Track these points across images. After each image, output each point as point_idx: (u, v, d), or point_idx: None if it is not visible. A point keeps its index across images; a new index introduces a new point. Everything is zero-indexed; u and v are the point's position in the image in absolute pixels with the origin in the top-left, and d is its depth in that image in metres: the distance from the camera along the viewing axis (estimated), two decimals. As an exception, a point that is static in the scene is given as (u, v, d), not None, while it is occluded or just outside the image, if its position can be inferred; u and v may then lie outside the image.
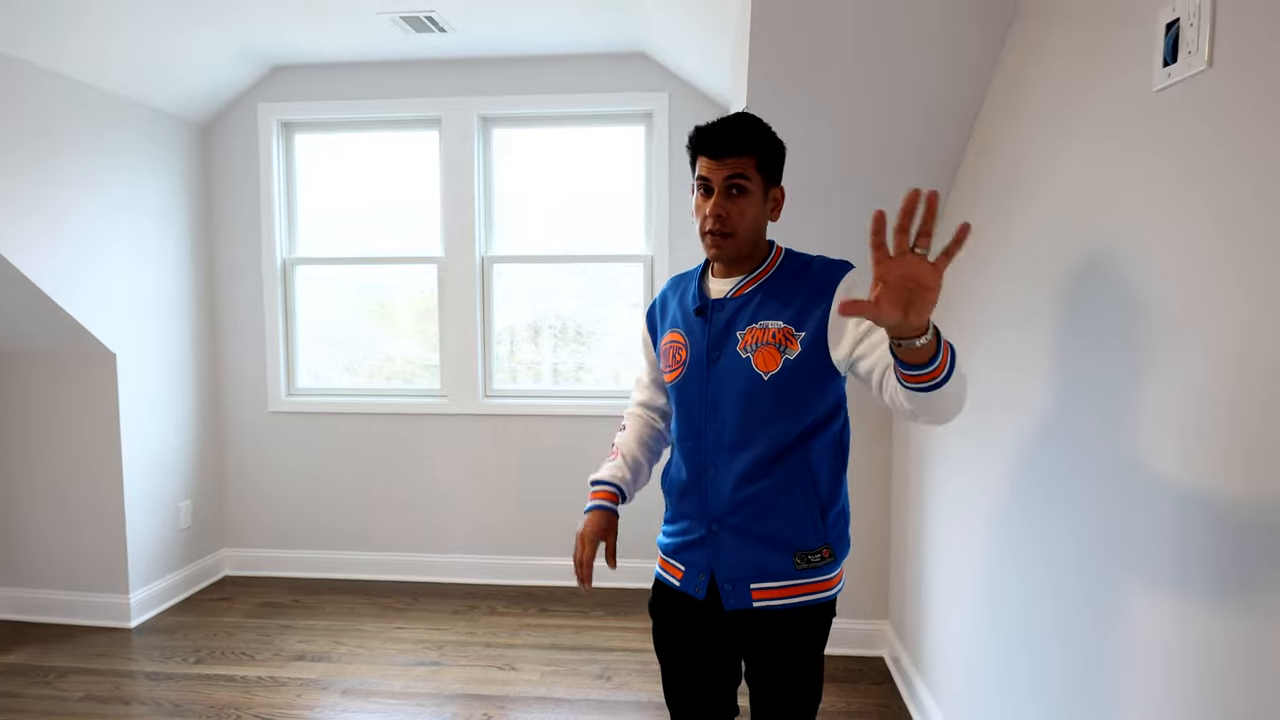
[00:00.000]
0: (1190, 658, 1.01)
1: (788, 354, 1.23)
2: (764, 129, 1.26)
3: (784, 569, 1.27)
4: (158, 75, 2.91)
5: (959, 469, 1.97)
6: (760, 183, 1.26)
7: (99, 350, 2.87)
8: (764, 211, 1.29)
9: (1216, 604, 0.97)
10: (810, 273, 1.27)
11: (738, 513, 1.28)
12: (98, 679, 2.57)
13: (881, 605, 2.69)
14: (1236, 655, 0.93)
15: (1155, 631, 1.10)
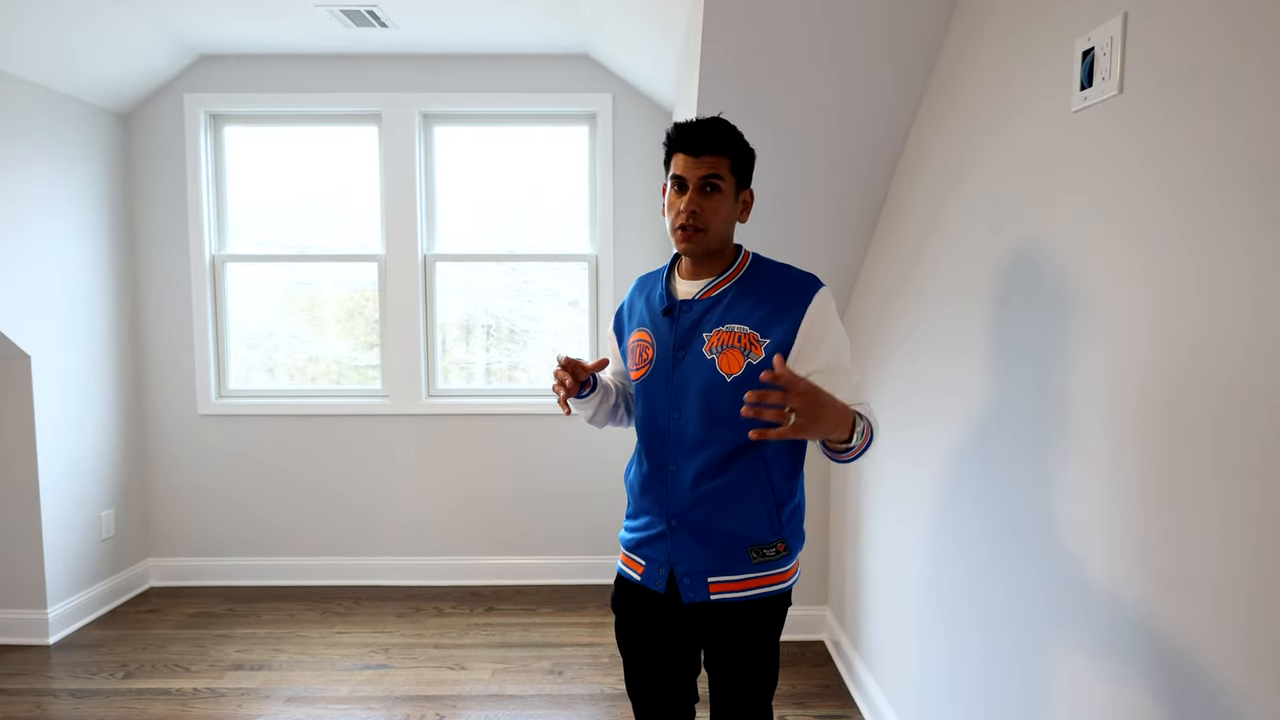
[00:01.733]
0: (1120, 626, 1.13)
1: (751, 358, 1.27)
2: (738, 134, 1.32)
3: (740, 563, 1.31)
4: (73, 61, 2.76)
5: (897, 457, 2.09)
6: (733, 183, 1.31)
7: (12, 351, 2.70)
8: (734, 212, 1.34)
9: (1144, 588, 1.08)
10: (779, 281, 1.32)
11: (696, 509, 1.32)
12: (14, 700, 2.42)
13: (822, 591, 2.81)
14: (1156, 629, 1.05)
15: (1081, 609, 1.22)
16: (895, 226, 2.10)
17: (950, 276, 1.71)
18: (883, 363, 2.19)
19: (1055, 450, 1.27)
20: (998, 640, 1.48)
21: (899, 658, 2.06)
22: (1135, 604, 1.07)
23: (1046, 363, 1.30)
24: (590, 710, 2.37)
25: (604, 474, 3.34)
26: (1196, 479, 0.95)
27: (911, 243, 1.96)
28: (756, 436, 1.06)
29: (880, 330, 2.21)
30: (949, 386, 1.72)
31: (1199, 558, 0.95)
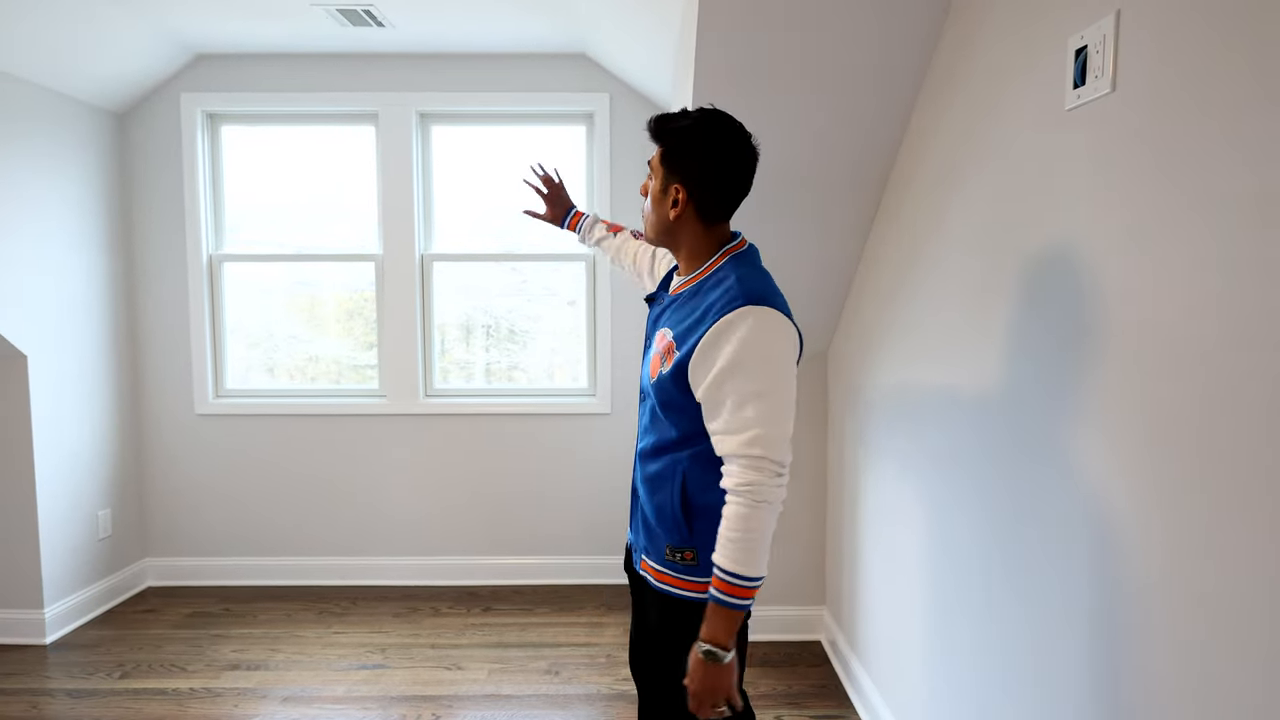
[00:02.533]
0: (1124, 628, 1.13)
1: (664, 367, 1.23)
2: (685, 123, 1.20)
3: (659, 554, 1.31)
4: (70, 60, 2.76)
5: (893, 458, 2.09)
6: (662, 175, 1.24)
7: (8, 350, 2.70)
8: (663, 204, 1.24)
9: (1140, 584, 1.08)
10: (715, 293, 1.20)
11: (643, 487, 1.35)
12: (10, 700, 2.42)
13: (819, 591, 2.81)
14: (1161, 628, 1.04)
15: (1083, 609, 1.21)
16: (893, 228, 2.09)
17: (946, 279, 1.71)
18: (879, 364, 2.18)
19: (1054, 451, 1.27)
20: (996, 641, 1.48)
21: (896, 658, 2.06)
22: (1140, 606, 1.06)
23: (1043, 363, 1.30)
24: (587, 710, 2.36)
25: (602, 474, 3.34)
26: (1199, 477, 0.95)
27: (909, 244, 1.96)
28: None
29: (877, 332, 2.20)
30: (944, 388, 1.72)
31: (1212, 560, 0.95)
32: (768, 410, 1.13)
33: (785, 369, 1.16)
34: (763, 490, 1.12)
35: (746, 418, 1.13)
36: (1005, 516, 1.43)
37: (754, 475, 1.12)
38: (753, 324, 1.14)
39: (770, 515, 1.13)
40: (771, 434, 1.13)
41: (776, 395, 1.14)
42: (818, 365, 2.75)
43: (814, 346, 2.71)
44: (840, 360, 2.60)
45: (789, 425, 1.15)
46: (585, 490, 3.36)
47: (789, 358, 1.17)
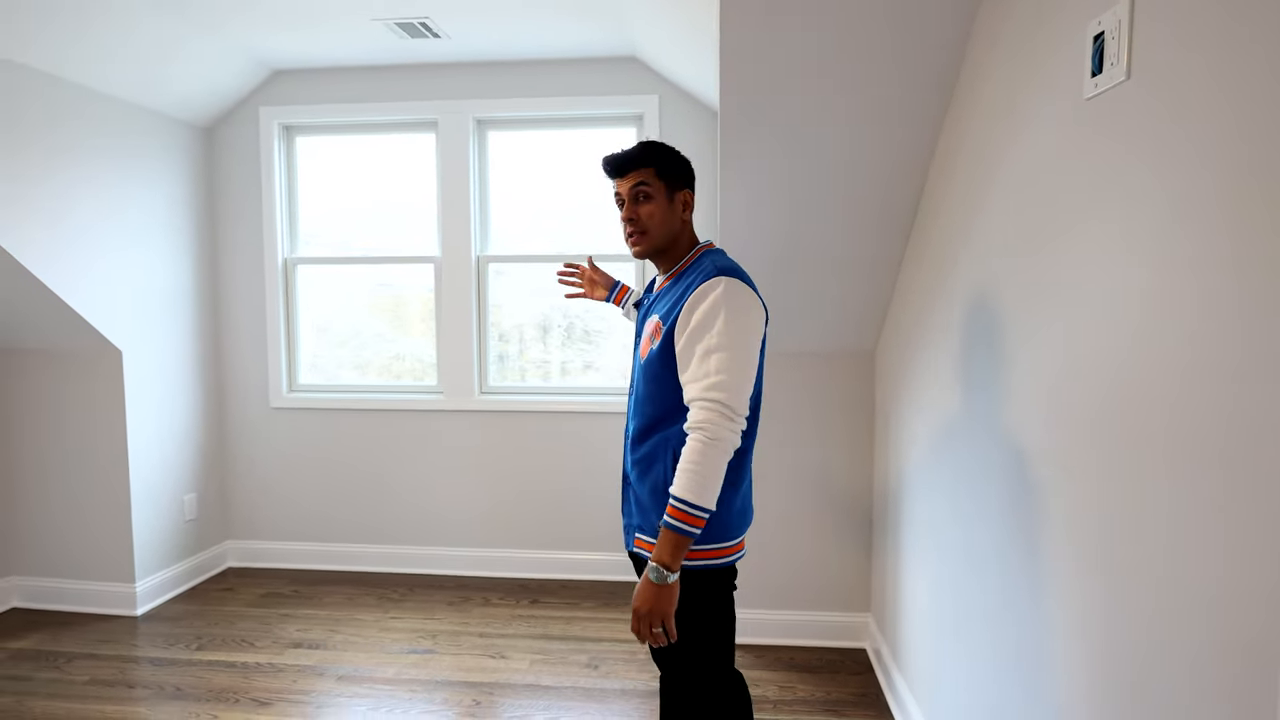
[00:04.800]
0: (1195, 654, 1.07)
1: (653, 345, 1.42)
2: (658, 147, 1.48)
3: (653, 529, 1.43)
4: (162, 80, 3.00)
5: (935, 467, 2.03)
6: (662, 187, 1.47)
7: (106, 347, 2.97)
8: (672, 211, 1.48)
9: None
10: (693, 274, 1.41)
11: (633, 470, 1.50)
12: (103, 664, 2.66)
13: (864, 598, 2.75)
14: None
15: (1144, 629, 1.15)
16: (932, 227, 2.03)
17: (980, 280, 1.65)
18: (919, 372, 2.12)
19: (1105, 460, 1.21)
20: (1042, 665, 1.42)
21: (938, 674, 1.99)
22: (1212, 626, 1.00)
23: (1078, 366, 1.24)
24: (622, 705, 2.39)
25: (649, 472, 3.37)
26: (1264, 491, 0.89)
27: (944, 243, 1.90)
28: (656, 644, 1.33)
29: (918, 337, 2.14)
30: (979, 395, 1.66)
31: (1269, 573, 0.89)
32: (728, 362, 1.30)
33: (747, 330, 1.34)
34: (716, 429, 1.28)
35: (708, 368, 1.31)
36: (1059, 534, 1.36)
37: (711, 415, 1.29)
38: (722, 290, 1.34)
39: (720, 454, 1.29)
40: (729, 382, 1.29)
41: (737, 350, 1.31)
42: (864, 365, 2.68)
43: (860, 345, 2.65)
44: (885, 361, 2.53)
45: (746, 377, 1.32)
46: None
47: (752, 322, 1.35)
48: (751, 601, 2.78)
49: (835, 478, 2.72)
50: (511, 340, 3.50)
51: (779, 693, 2.45)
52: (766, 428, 2.72)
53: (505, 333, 3.50)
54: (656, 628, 1.30)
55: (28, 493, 3.11)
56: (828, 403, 2.70)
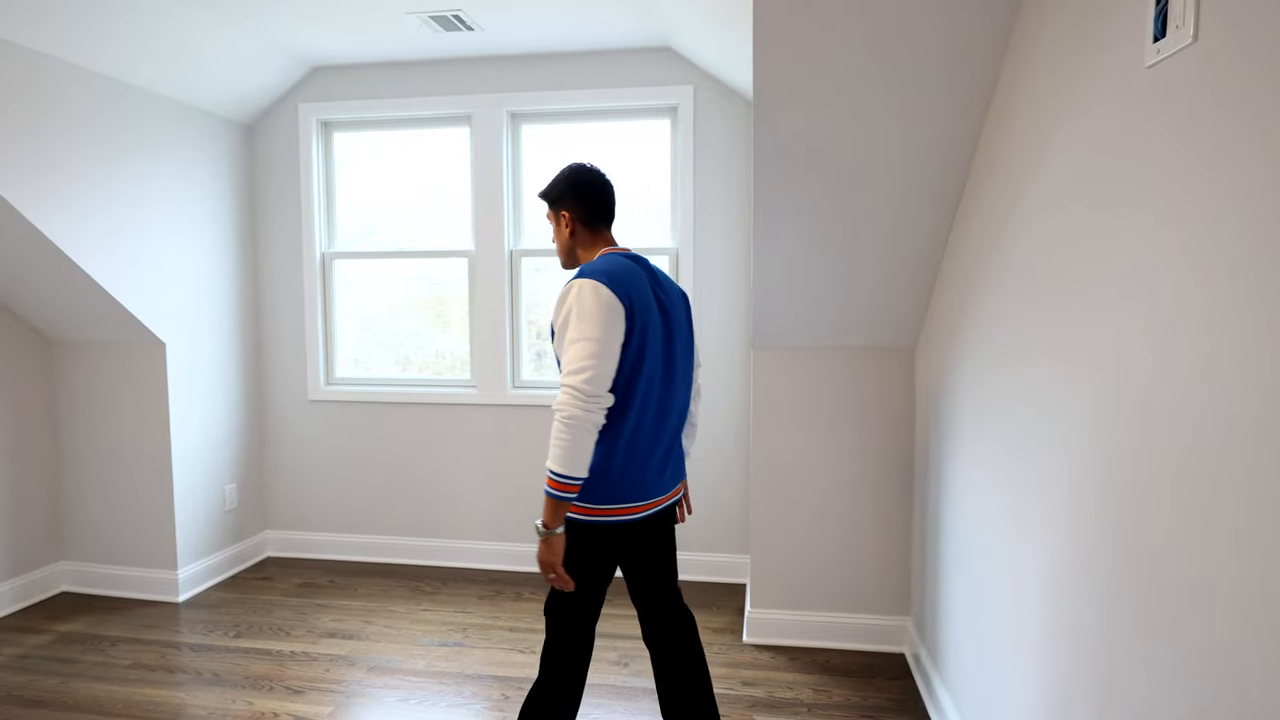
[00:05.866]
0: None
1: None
2: (550, 180, 1.82)
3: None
4: (207, 79, 3.06)
5: (980, 463, 1.94)
6: (552, 214, 1.79)
7: (150, 339, 3.04)
8: (560, 231, 1.78)
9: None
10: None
11: None
12: (146, 648, 2.72)
13: (903, 601, 2.66)
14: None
15: (1179, 637, 1.07)
16: (973, 221, 1.94)
17: (1025, 270, 1.56)
18: (964, 369, 2.03)
19: (1158, 456, 1.13)
20: (1115, 686, 1.34)
21: (983, 683, 1.91)
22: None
23: (1130, 355, 1.15)
24: (651, 705, 2.35)
25: (689, 471, 3.32)
26: None
27: (990, 238, 1.81)
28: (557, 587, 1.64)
29: (962, 332, 2.05)
30: (1032, 394, 1.57)
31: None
32: (581, 352, 1.52)
33: (596, 323, 1.53)
34: (569, 409, 1.50)
35: (568, 358, 1.54)
36: (1107, 532, 1.28)
37: (565, 398, 1.51)
38: (575, 290, 1.56)
39: (575, 430, 1.50)
40: (581, 369, 1.51)
41: (588, 341, 1.52)
42: (904, 362, 2.59)
43: (899, 342, 2.56)
44: (926, 358, 2.44)
45: (598, 363, 1.52)
46: (665, 485, 3.35)
47: (601, 315, 1.54)
48: (787, 602, 2.72)
49: (873, 477, 2.64)
50: (545, 336, 3.48)
51: (814, 696, 2.38)
52: (801, 425, 2.65)
53: (544, 331, 3.48)
54: (550, 575, 1.60)
55: (78, 480, 3.20)
56: (866, 400, 2.62)
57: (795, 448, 2.67)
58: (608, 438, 1.61)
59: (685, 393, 1.80)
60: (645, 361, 1.61)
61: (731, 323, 3.25)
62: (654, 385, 1.66)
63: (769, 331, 2.59)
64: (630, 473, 1.64)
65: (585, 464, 1.53)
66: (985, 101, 1.85)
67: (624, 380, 1.59)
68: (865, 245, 2.26)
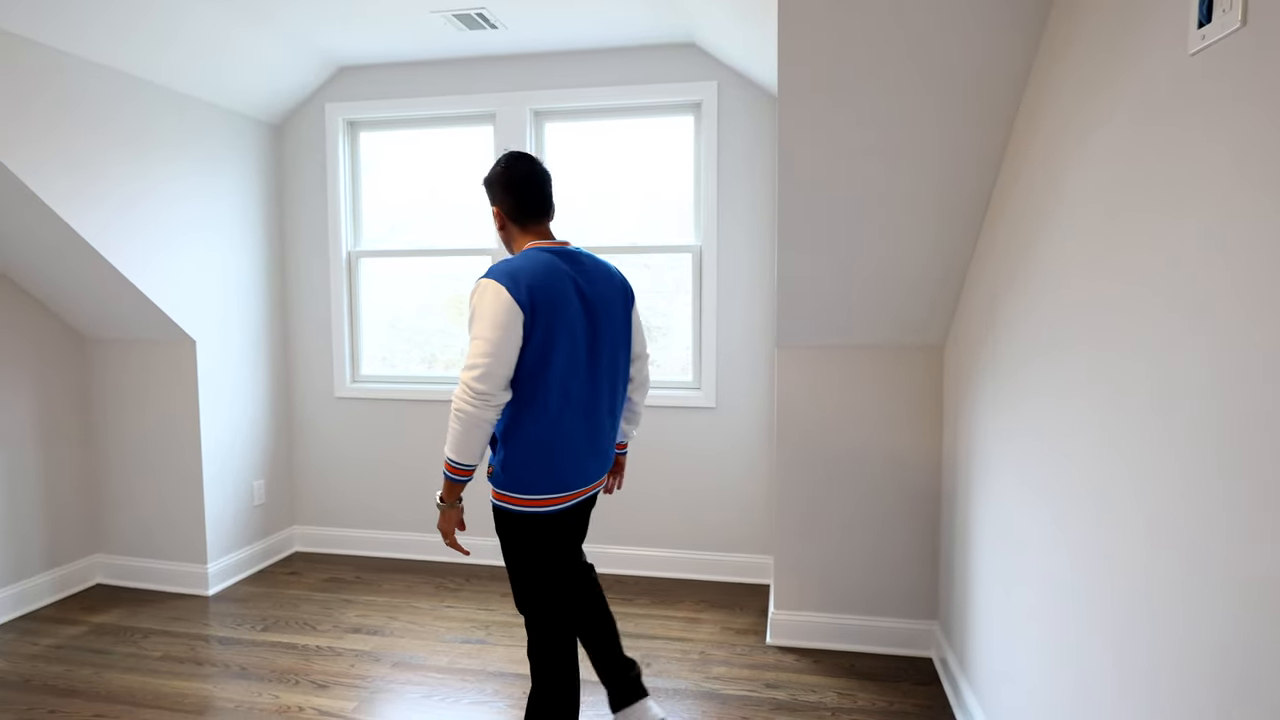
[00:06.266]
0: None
1: None
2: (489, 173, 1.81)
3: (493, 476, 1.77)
4: (236, 80, 3.10)
5: (1011, 464, 1.89)
6: (492, 210, 1.83)
7: (180, 336, 3.09)
8: (498, 227, 1.84)
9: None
10: None
11: None
12: (175, 640, 2.77)
13: (930, 605, 2.61)
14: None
15: (1232, 648, 1.03)
16: (1007, 213, 1.89)
17: (1062, 266, 1.52)
18: (995, 368, 1.98)
19: (1205, 456, 1.09)
20: (1134, 689, 1.29)
21: (1010, 690, 1.86)
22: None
23: (1175, 353, 1.11)
24: (672, 705, 2.34)
25: (705, 470, 3.30)
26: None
27: (1024, 233, 1.76)
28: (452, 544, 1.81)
29: (987, 332, 2.00)
30: (1060, 390, 1.52)
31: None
32: (474, 350, 1.62)
33: (491, 322, 1.61)
34: (458, 403, 1.63)
35: (467, 355, 1.64)
36: (1146, 538, 1.24)
37: (458, 391, 1.63)
38: (478, 291, 1.65)
39: (463, 422, 1.63)
40: (472, 365, 1.61)
41: (481, 340, 1.61)
42: (932, 359, 2.54)
43: (927, 339, 2.51)
44: (956, 356, 2.39)
45: (490, 359, 1.60)
46: (688, 485, 3.33)
47: (495, 315, 1.61)
48: (811, 604, 2.68)
49: (900, 477, 2.59)
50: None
51: (838, 699, 2.34)
52: (826, 424, 2.61)
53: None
54: (448, 543, 1.79)
55: (113, 475, 3.27)
56: (892, 398, 2.58)
57: (820, 447, 2.63)
58: (531, 430, 1.69)
59: (615, 384, 1.84)
60: (554, 356, 1.66)
61: (755, 321, 3.22)
62: (572, 378, 1.70)
63: (793, 330, 2.56)
64: (556, 465, 1.72)
65: (477, 453, 1.67)
66: (1018, 94, 1.81)
67: (529, 375, 1.66)
68: (893, 243, 2.22)
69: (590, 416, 1.76)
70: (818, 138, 2.00)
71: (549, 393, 1.67)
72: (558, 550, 1.78)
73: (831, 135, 1.99)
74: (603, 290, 1.79)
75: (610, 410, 1.83)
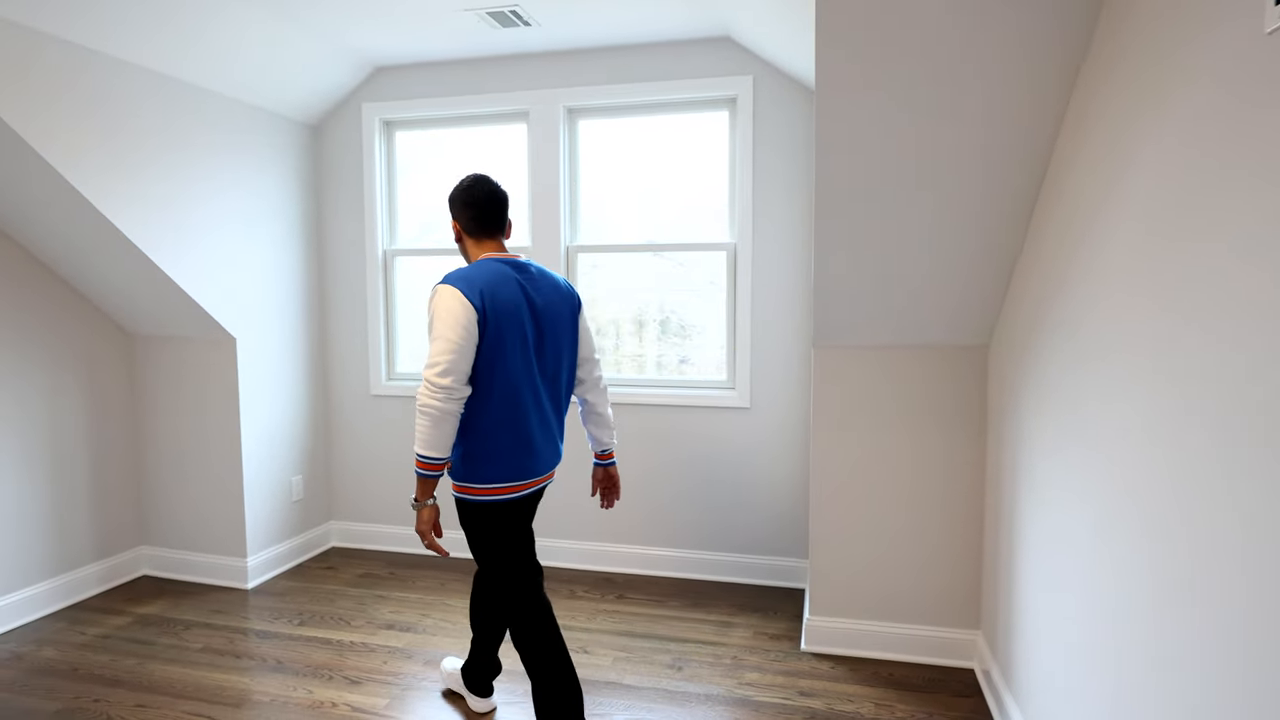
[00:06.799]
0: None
1: None
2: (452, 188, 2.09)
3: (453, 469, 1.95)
4: (274, 82, 3.15)
5: (1061, 468, 1.81)
6: (452, 225, 2.05)
7: (221, 334, 3.14)
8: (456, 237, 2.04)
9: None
10: None
11: None
12: (216, 633, 2.82)
13: (973, 614, 2.52)
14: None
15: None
16: (1058, 208, 1.80)
17: (1122, 263, 1.43)
18: (1037, 373, 1.90)
19: (1249, 470, 1.01)
20: (1197, 707, 1.22)
21: (1059, 706, 1.78)
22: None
23: (1246, 357, 1.03)
24: (704, 711, 2.30)
25: (740, 472, 3.25)
26: None
27: (1079, 229, 1.68)
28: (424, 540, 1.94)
29: (1033, 335, 1.92)
30: (1113, 395, 1.44)
31: None
32: (435, 349, 1.78)
33: (450, 323, 1.77)
34: (424, 399, 1.78)
35: (428, 354, 1.79)
36: (1203, 543, 1.16)
37: (422, 388, 1.78)
38: (436, 295, 1.82)
39: (428, 417, 1.77)
40: (434, 363, 1.77)
41: (441, 340, 1.77)
42: (975, 360, 2.45)
43: (971, 339, 2.43)
44: (1001, 357, 2.30)
45: (451, 359, 1.76)
46: (722, 486, 3.28)
47: (453, 316, 1.78)
48: (848, 610, 2.61)
49: (941, 480, 2.51)
50: (608, 334, 3.46)
51: (875, 710, 2.28)
52: (864, 425, 2.54)
53: (602, 327, 3.46)
54: (426, 544, 1.91)
55: (157, 470, 3.35)
56: (934, 399, 2.49)
57: (858, 449, 2.56)
58: (486, 424, 1.86)
59: (561, 382, 2.01)
60: (504, 358, 1.83)
61: (790, 320, 3.16)
62: (523, 376, 1.87)
63: (831, 329, 2.49)
64: (510, 456, 1.89)
65: (447, 446, 1.80)
66: (1070, 81, 1.72)
67: (484, 372, 1.82)
68: (937, 241, 2.14)
69: (539, 410, 1.93)
70: (856, 132, 1.94)
71: (502, 389, 1.84)
72: (515, 535, 1.97)
73: (871, 129, 1.92)
74: (550, 297, 1.96)
75: (556, 406, 2.01)
